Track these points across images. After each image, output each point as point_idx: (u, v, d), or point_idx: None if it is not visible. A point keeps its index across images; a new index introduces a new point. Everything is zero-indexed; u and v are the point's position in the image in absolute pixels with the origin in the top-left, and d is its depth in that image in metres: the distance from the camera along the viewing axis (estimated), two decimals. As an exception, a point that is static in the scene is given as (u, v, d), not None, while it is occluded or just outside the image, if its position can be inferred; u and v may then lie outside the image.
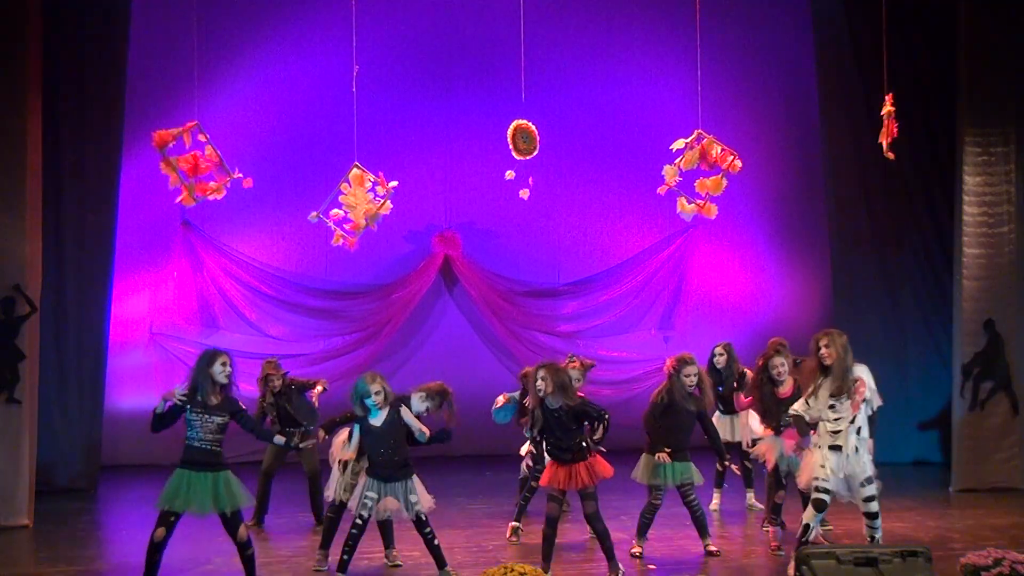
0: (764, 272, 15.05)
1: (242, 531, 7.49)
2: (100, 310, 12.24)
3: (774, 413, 8.76)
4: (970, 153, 11.71)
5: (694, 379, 8.52)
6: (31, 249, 10.46)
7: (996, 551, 6.80)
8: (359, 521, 7.77)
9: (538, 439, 7.87)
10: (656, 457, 8.50)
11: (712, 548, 8.67)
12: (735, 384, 10.09)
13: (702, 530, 8.73)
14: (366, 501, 7.75)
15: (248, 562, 7.57)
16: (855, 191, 13.19)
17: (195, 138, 9.70)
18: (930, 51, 12.77)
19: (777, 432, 8.77)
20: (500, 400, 9.23)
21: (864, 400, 7.64)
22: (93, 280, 12.17)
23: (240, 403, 7.59)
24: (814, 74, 13.55)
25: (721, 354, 10.26)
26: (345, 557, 7.77)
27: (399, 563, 8.36)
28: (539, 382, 7.70)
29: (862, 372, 7.66)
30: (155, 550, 7.37)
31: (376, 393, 7.77)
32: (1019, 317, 11.65)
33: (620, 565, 7.93)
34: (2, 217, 10.24)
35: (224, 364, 7.40)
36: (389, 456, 7.80)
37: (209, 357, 7.45)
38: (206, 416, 7.33)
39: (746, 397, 9.58)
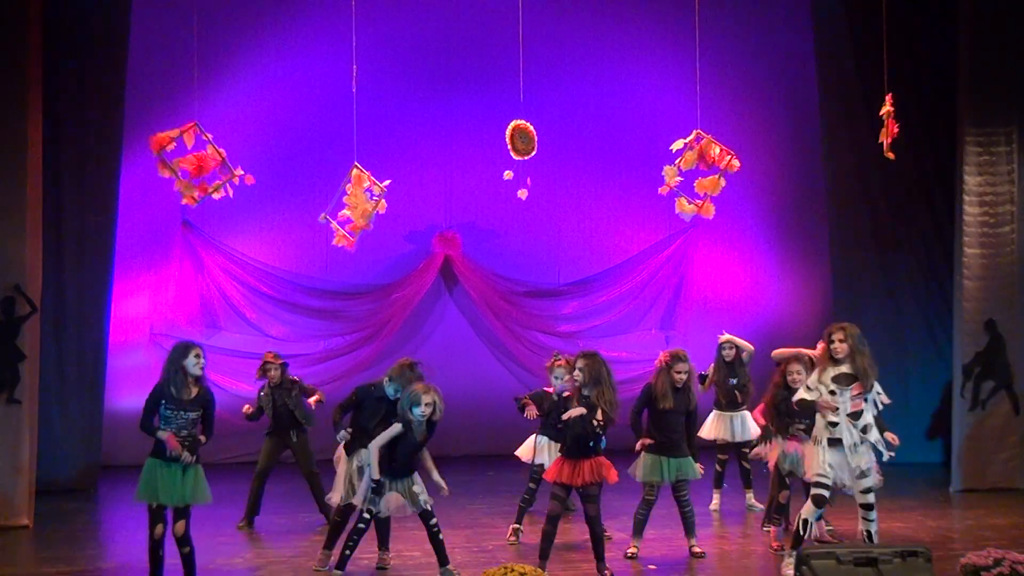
0: (764, 272, 15.02)
1: (180, 526, 7.30)
2: (100, 310, 12.22)
3: (784, 421, 8.70)
4: (971, 153, 11.69)
5: (684, 376, 8.53)
6: (31, 249, 10.44)
7: (996, 551, 6.78)
8: (366, 516, 7.74)
9: (559, 427, 7.95)
10: (637, 446, 8.55)
11: (697, 549, 8.60)
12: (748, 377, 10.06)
13: (689, 529, 8.67)
14: (373, 496, 7.73)
15: (186, 560, 7.39)
16: (855, 191, 13.19)
17: (198, 138, 9.67)
18: (931, 50, 12.76)
19: (782, 434, 8.73)
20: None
21: (866, 399, 7.64)
22: (93, 280, 12.15)
23: (212, 399, 7.41)
24: (814, 74, 13.55)
25: (730, 348, 10.27)
26: (347, 553, 7.75)
27: (387, 566, 8.29)
28: (576, 372, 7.88)
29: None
30: (157, 547, 7.34)
31: (427, 404, 7.64)
32: (1020, 317, 11.63)
33: (608, 565, 7.97)
34: (2, 217, 10.22)
35: (198, 356, 7.29)
36: (409, 460, 7.80)
37: (183, 349, 7.34)
38: (181, 412, 7.21)
39: (764, 417, 8.96)
